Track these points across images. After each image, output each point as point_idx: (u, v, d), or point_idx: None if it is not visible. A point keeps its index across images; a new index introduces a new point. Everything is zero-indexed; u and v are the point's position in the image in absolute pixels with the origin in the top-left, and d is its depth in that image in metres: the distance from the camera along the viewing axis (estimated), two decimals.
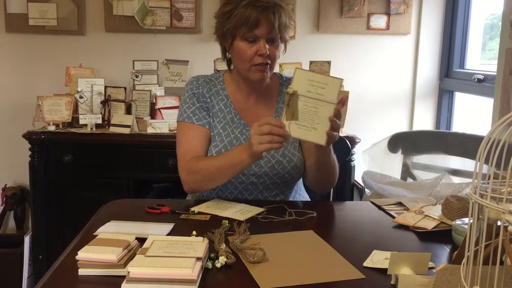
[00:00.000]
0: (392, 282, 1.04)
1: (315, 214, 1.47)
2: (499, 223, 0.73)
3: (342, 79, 1.36)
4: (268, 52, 1.54)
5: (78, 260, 1.07)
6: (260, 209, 1.48)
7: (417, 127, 2.98)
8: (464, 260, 0.77)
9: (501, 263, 0.77)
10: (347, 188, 2.44)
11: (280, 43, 1.59)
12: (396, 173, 2.32)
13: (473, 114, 2.93)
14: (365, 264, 1.14)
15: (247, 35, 1.53)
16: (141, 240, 1.16)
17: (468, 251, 0.73)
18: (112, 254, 1.06)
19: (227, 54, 1.66)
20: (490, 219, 0.75)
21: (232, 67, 1.69)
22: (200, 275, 1.03)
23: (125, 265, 1.06)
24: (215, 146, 1.62)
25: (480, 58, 2.92)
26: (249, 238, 1.27)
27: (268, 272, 1.09)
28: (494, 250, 0.77)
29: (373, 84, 2.95)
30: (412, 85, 3.01)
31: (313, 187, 1.72)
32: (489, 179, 0.78)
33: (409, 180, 2.29)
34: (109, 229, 1.28)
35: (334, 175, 1.61)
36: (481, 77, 2.54)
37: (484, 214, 0.73)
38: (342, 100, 1.36)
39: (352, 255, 1.18)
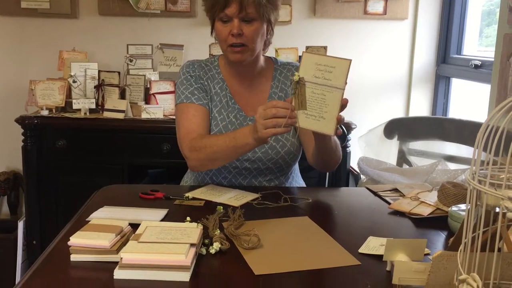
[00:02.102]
0: (388, 268, 1.04)
1: (310, 200, 1.46)
2: (497, 209, 0.71)
3: (350, 60, 1.27)
4: (240, 32, 1.50)
5: (70, 246, 1.05)
6: (255, 195, 1.47)
7: (413, 113, 2.97)
8: (461, 247, 0.76)
9: (499, 250, 0.76)
10: (342, 174, 2.44)
11: (260, 24, 1.53)
12: (392, 159, 2.31)
13: (470, 100, 2.92)
14: (361, 250, 1.13)
15: (221, 15, 1.51)
16: (135, 226, 1.15)
17: (466, 238, 0.72)
18: (104, 240, 1.05)
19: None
20: (488, 205, 0.74)
21: None
22: (194, 261, 1.02)
23: (118, 251, 1.04)
24: (210, 131, 1.61)
25: (477, 44, 2.90)
26: (244, 224, 1.25)
27: (262, 258, 1.08)
28: (491, 236, 0.76)
29: (369, 70, 2.93)
30: (409, 71, 2.99)
31: (317, 168, 1.68)
32: (487, 165, 0.76)
33: (405, 166, 2.28)
34: (102, 215, 1.27)
35: (337, 156, 1.58)
36: (478, 63, 2.52)
37: (483, 200, 0.72)
38: (343, 103, 1.30)
39: (348, 241, 1.18)
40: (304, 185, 1.79)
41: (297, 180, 1.77)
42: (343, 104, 1.30)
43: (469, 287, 0.68)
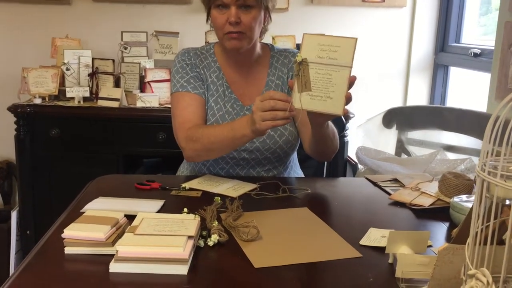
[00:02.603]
0: (390, 261, 1.02)
1: (309, 191, 1.44)
2: (507, 202, 0.69)
3: (356, 38, 1.23)
4: (237, 20, 1.46)
5: (64, 239, 1.03)
6: (253, 186, 1.44)
7: (411, 102, 2.95)
8: (469, 240, 0.74)
9: (505, 242, 0.74)
10: (340, 164, 2.41)
11: (258, 11, 1.49)
12: (391, 149, 2.29)
13: (468, 89, 2.89)
14: (362, 242, 1.11)
15: (217, 2, 1.47)
16: (130, 218, 1.12)
17: (476, 230, 0.70)
18: (99, 232, 1.02)
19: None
20: (498, 197, 0.72)
21: None
22: (192, 254, 1.00)
23: (113, 243, 1.01)
24: (207, 121, 1.57)
25: (477, 32, 2.87)
26: (242, 215, 1.23)
27: (262, 250, 1.05)
28: (496, 229, 0.73)
29: (367, 58, 2.89)
30: (407, 59, 2.96)
31: (315, 157, 1.64)
32: (496, 156, 0.74)
33: (404, 156, 2.26)
34: (97, 206, 1.24)
35: (334, 145, 1.55)
36: (477, 51, 2.50)
37: (493, 192, 0.69)
38: (351, 81, 1.26)
39: (348, 233, 1.15)
40: (303, 175, 1.76)
41: (295, 170, 1.74)
42: (351, 82, 1.25)
43: (478, 283, 0.65)
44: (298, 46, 2.70)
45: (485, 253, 0.70)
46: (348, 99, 1.26)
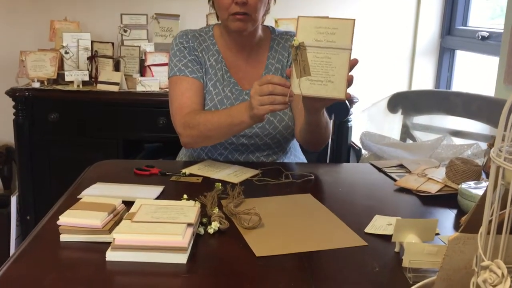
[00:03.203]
0: (396, 249, 0.98)
1: (312, 177, 1.40)
2: None
3: (354, 20, 1.18)
4: (245, 0, 1.41)
5: (59, 226, 0.99)
6: (255, 171, 1.41)
7: (416, 86, 2.90)
8: (482, 230, 0.70)
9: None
10: (343, 150, 2.37)
11: None
12: (395, 134, 2.24)
13: (474, 73, 2.84)
14: (367, 230, 1.07)
15: None
16: (128, 204, 1.09)
17: (490, 218, 0.66)
18: (96, 219, 0.99)
19: (213, 4, 1.55)
20: (509, 184, 0.68)
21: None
22: (191, 242, 0.96)
23: (110, 231, 0.98)
24: (205, 106, 1.53)
25: (484, 15, 2.80)
26: (244, 202, 1.19)
27: (264, 238, 1.02)
28: (510, 217, 0.70)
29: (372, 41, 2.83)
30: (413, 43, 2.90)
31: (305, 146, 1.61)
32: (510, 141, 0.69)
33: (409, 141, 2.22)
34: (94, 192, 1.20)
35: (326, 136, 1.51)
36: (485, 34, 2.43)
37: (509, 179, 0.65)
38: (352, 63, 1.21)
39: (353, 220, 1.12)
40: (305, 161, 1.72)
41: (296, 155, 1.70)
42: (353, 65, 1.21)
43: (492, 275, 0.62)
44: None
45: (499, 243, 0.66)
46: (350, 82, 1.21)
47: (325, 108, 1.39)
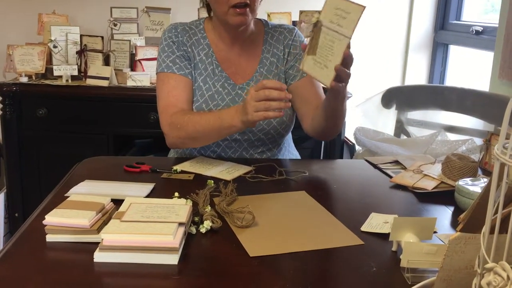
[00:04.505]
0: (394, 248, 0.96)
1: (307, 173, 1.38)
2: None
3: (364, 7, 1.12)
4: None
5: (45, 225, 0.96)
6: (248, 168, 1.38)
7: (409, 81, 2.88)
8: (484, 229, 0.67)
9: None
10: (337, 145, 2.35)
11: None
12: (390, 130, 2.22)
13: (468, 68, 2.82)
14: (363, 228, 1.05)
15: None
16: (118, 202, 1.05)
17: (495, 220, 0.64)
18: (84, 219, 0.95)
19: None
20: None
21: (212, 13, 1.54)
22: (183, 242, 0.93)
23: (98, 230, 0.95)
24: (195, 101, 1.50)
25: (478, 9, 2.78)
26: (237, 199, 1.16)
27: (257, 238, 0.99)
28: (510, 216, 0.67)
29: (366, 36, 2.81)
30: (406, 38, 2.88)
31: (315, 135, 1.55)
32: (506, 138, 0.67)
33: (403, 137, 2.20)
34: (82, 190, 1.17)
35: (341, 124, 1.48)
36: (479, 29, 2.42)
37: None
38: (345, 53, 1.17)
39: (348, 218, 1.09)
40: (299, 157, 1.69)
41: (290, 151, 1.67)
42: (345, 56, 1.16)
43: (497, 277, 0.59)
44: (294, 23, 2.60)
45: (501, 243, 0.64)
46: (338, 72, 1.17)
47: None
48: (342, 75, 1.19)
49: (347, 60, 1.18)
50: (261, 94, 1.21)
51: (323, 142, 2.14)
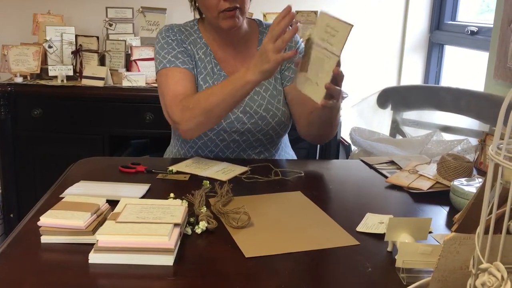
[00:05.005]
0: (389, 249, 0.96)
1: (302, 174, 1.38)
2: None
3: (351, 25, 1.12)
4: None
5: (40, 227, 0.95)
6: (243, 168, 1.38)
7: (404, 81, 2.89)
8: (479, 230, 0.67)
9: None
10: (333, 145, 2.35)
11: None
12: (385, 130, 2.23)
13: (463, 68, 2.83)
14: (359, 229, 1.05)
15: None
16: (113, 203, 1.05)
17: (489, 221, 0.64)
18: (79, 220, 0.95)
19: (195, 3, 1.52)
20: (508, 182, 0.66)
21: (204, 15, 1.54)
22: (178, 243, 0.93)
23: (93, 232, 0.95)
24: None
25: (473, 10, 2.79)
26: (232, 200, 1.16)
27: (253, 238, 0.99)
28: (506, 217, 0.68)
29: (361, 36, 2.81)
30: (402, 38, 2.89)
31: (309, 139, 1.58)
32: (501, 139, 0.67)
33: (399, 137, 2.20)
34: (77, 191, 1.16)
35: (334, 132, 1.49)
36: (474, 29, 2.42)
37: (507, 178, 0.63)
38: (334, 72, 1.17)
39: (344, 218, 1.10)
40: (295, 157, 1.69)
41: (287, 151, 1.67)
42: (335, 74, 1.16)
43: (491, 278, 0.60)
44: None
45: (495, 243, 0.64)
46: (329, 90, 1.18)
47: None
48: (332, 93, 1.20)
49: (337, 78, 1.19)
50: (274, 32, 1.20)
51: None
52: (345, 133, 2.38)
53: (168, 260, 0.88)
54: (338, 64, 1.16)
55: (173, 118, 1.40)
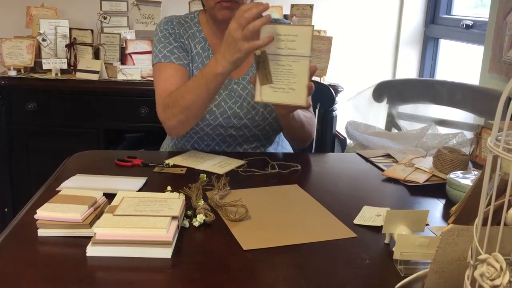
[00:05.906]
0: (386, 241, 0.96)
1: (299, 167, 1.38)
2: None
3: (312, 26, 1.19)
4: None
5: (37, 220, 0.95)
6: (240, 162, 1.38)
7: (400, 75, 2.89)
8: (477, 221, 0.68)
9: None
10: (328, 139, 2.35)
11: None
12: (381, 123, 2.23)
13: (458, 62, 2.84)
14: (356, 221, 1.05)
15: None
16: (110, 197, 1.04)
17: (487, 211, 0.64)
18: (76, 213, 0.95)
19: None
20: (506, 174, 0.66)
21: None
22: (176, 235, 0.93)
23: (91, 225, 0.94)
24: None
25: (468, 4, 2.80)
26: (230, 193, 1.16)
27: (251, 231, 0.99)
28: (504, 208, 0.68)
29: (356, 30, 2.81)
30: (397, 32, 2.89)
31: (290, 143, 1.68)
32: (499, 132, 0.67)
33: (394, 130, 2.21)
34: (74, 184, 1.16)
35: (309, 133, 1.53)
36: (469, 23, 2.43)
37: (506, 169, 0.63)
38: (312, 70, 1.21)
39: (341, 211, 1.10)
40: (291, 151, 1.69)
41: (283, 145, 1.67)
42: (312, 71, 1.22)
43: (490, 269, 0.60)
44: (286, 17, 2.59)
45: (493, 234, 0.64)
46: (310, 90, 1.22)
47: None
48: (311, 90, 1.23)
49: (311, 76, 1.23)
50: (242, 19, 1.18)
51: (314, 136, 2.15)
52: (340, 127, 2.38)
53: (166, 252, 0.88)
54: (311, 65, 1.21)
55: (158, 117, 1.43)
